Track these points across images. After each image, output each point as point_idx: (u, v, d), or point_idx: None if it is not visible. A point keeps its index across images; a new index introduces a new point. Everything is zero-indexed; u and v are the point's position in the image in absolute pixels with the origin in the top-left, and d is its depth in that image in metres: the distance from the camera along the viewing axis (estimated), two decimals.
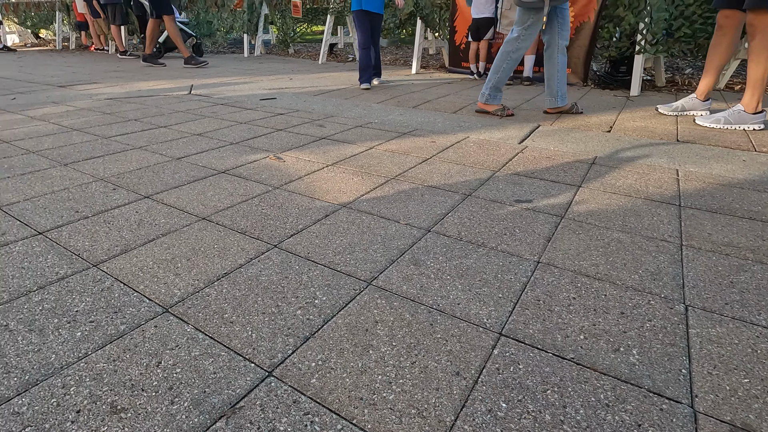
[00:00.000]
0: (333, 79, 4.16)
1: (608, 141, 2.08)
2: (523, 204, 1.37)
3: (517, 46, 2.42)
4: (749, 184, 1.55)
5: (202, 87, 3.71)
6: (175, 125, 2.40)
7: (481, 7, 3.82)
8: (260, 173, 1.65)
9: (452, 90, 3.53)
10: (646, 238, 1.16)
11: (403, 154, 1.89)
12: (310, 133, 2.23)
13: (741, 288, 0.94)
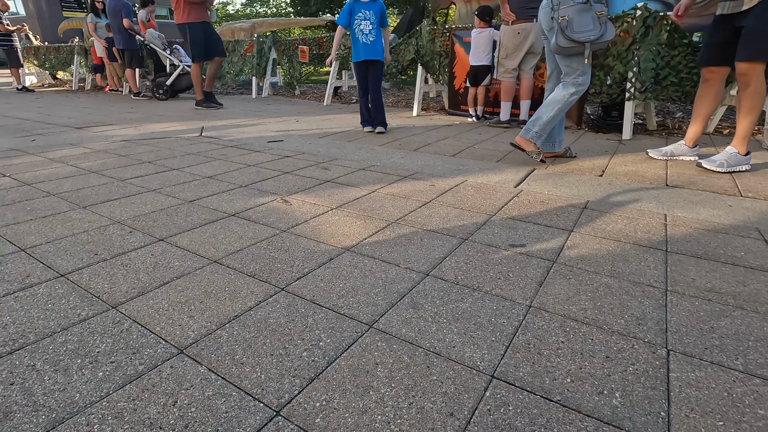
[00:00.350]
0: (337, 121, 4.34)
1: (600, 185, 2.18)
2: (517, 248, 1.45)
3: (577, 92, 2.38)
4: (734, 229, 1.63)
5: (212, 129, 3.89)
6: (187, 168, 2.52)
7: (479, 56, 4.04)
8: (268, 216, 1.74)
9: (452, 133, 3.69)
10: (633, 283, 1.22)
11: (404, 197, 1.99)
12: (316, 176, 2.35)
13: (721, 333, 1.00)
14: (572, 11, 2.22)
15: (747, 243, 1.50)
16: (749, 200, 1.96)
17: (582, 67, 2.33)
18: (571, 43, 2.22)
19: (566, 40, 2.21)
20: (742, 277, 1.26)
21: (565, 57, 2.34)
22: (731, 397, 0.80)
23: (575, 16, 2.22)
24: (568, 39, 2.21)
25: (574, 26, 2.21)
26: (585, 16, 2.21)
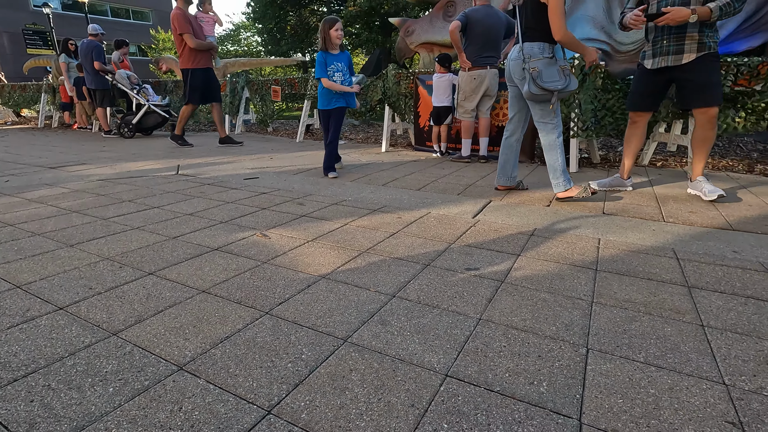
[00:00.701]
0: (310, 158, 4.56)
1: (547, 214, 2.46)
2: (471, 271, 1.67)
3: (558, 132, 2.65)
4: (654, 250, 1.91)
5: (188, 167, 4.02)
6: (167, 206, 2.65)
7: (440, 98, 4.41)
8: (249, 249, 1.90)
9: (417, 168, 3.97)
10: (565, 297, 1.46)
11: (373, 229, 2.20)
12: (292, 211, 2.53)
13: (630, 334, 1.23)
14: (541, 64, 2.50)
15: (662, 261, 1.78)
16: (670, 224, 2.27)
17: (553, 112, 2.63)
18: (541, 90, 2.50)
19: (537, 89, 2.50)
20: (654, 289, 1.52)
21: (537, 103, 2.62)
22: (631, 382, 1.02)
23: (543, 68, 2.48)
24: (539, 87, 2.49)
25: (543, 77, 2.48)
26: (551, 69, 2.49)
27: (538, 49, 2.51)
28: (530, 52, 2.51)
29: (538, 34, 2.50)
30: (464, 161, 4.28)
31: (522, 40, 2.55)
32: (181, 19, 4.95)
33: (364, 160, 4.42)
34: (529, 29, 2.52)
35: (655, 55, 2.62)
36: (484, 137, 4.22)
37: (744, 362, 1.10)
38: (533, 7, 2.46)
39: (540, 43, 2.50)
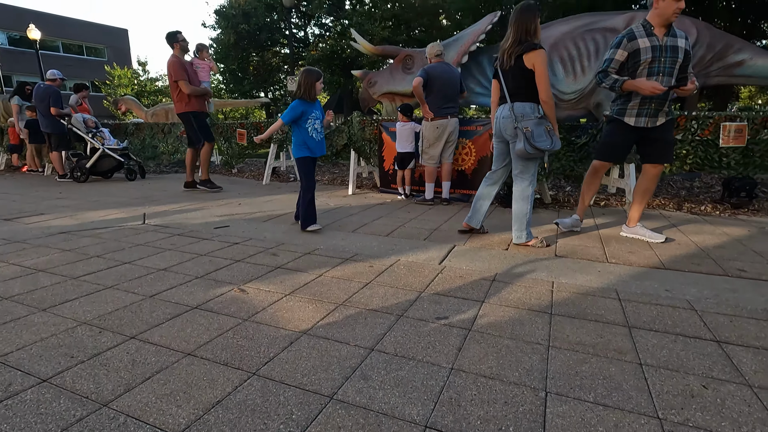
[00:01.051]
0: (278, 203, 4.65)
1: (506, 259, 2.68)
2: (441, 321, 1.82)
3: (533, 188, 2.88)
4: (600, 291, 2.15)
5: (154, 215, 4.00)
6: (138, 261, 2.65)
7: (404, 144, 4.69)
8: (229, 306, 1.96)
9: (385, 212, 4.15)
10: (526, 343, 1.63)
11: (348, 280, 2.32)
12: (267, 263, 2.60)
13: (581, 376, 1.41)
14: (532, 124, 2.68)
15: (607, 303, 2.01)
16: (613, 265, 2.55)
17: (533, 168, 2.86)
18: (535, 150, 2.70)
19: (532, 148, 2.70)
20: (600, 331, 1.73)
21: (523, 160, 2.83)
22: (583, 421, 1.19)
23: (534, 128, 2.68)
24: (534, 147, 2.67)
25: (535, 136, 2.67)
26: (540, 129, 2.68)
27: (529, 109, 2.73)
28: (522, 111, 2.73)
29: (526, 96, 2.72)
30: (428, 204, 4.52)
31: (511, 101, 2.77)
32: (177, 66, 5.10)
33: (332, 204, 4.56)
34: (517, 91, 2.73)
35: (640, 115, 2.84)
36: (446, 181, 4.50)
37: (674, 396, 1.30)
38: (519, 71, 2.68)
39: (530, 103, 2.73)
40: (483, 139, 4.51)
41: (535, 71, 2.63)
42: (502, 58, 2.77)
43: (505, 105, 2.83)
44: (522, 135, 2.70)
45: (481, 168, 4.52)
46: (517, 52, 2.65)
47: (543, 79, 2.64)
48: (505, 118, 2.83)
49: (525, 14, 2.65)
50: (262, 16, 16.13)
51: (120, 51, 34.85)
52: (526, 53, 2.62)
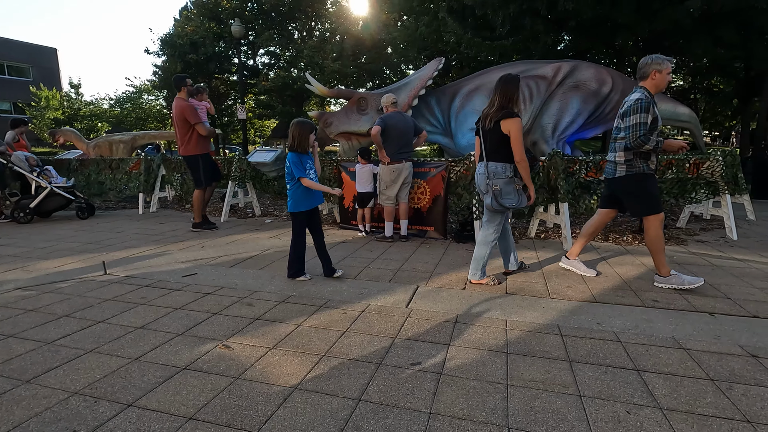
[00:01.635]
0: (242, 245, 4.73)
1: (464, 298, 3.00)
2: (416, 366, 2.07)
3: (496, 236, 3.25)
4: (545, 328, 2.51)
5: (115, 264, 3.94)
6: (112, 318, 2.68)
7: (363, 184, 4.97)
8: (218, 365, 2.09)
9: (348, 251, 4.38)
10: (489, 383, 1.92)
11: (325, 329, 2.51)
12: (244, 315, 2.73)
13: (535, 411, 1.72)
14: (501, 183, 3.05)
15: (551, 339, 2.37)
16: (554, 300, 2.95)
17: (499, 219, 3.23)
18: (500, 206, 3.09)
19: (498, 204, 3.07)
20: (548, 367, 2.06)
21: (491, 212, 3.22)
22: None
23: (503, 186, 3.05)
24: (499, 204, 3.07)
25: (502, 194, 3.05)
26: (509, 187, 3.05)
27: (501, 169, 3.07)
28: (494, 170, 3.08)
29: (500, 156, 3.06)
30: (387, 241, 4.81)
31: (487, 159, 3.11)
32: (192, 111, 5.29)
33: None
34: (493, 151, 3.08)
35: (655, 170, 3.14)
36: (404, 219, 4.83)
37: (605, 423, 1.64)
38: (497, 135, 3.03)
39: (503, 163, 3.07)
40: (436, 180, 4.90)
41: (510, 136, 2.99)
42: (485, 120, 3.10)
43: (481, 163, 3.18)
44: (491, 192, 3.09)
45: (435, 206, 4.90)
46: (497, 118, 3.00)
47: (517, 143, 2.98)
48: (479, 175, 3.20)
49: (508, 85, 3.03)
50: (210, 45, 16.03)
51: (48, 71, 32.69)
52: (503, 120, 2.98)
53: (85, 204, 6.54)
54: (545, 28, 9.40)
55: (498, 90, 3.06)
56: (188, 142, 5.37)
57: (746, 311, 2.74)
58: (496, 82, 3.11)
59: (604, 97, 6.41)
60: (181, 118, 5.25)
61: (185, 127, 5.29)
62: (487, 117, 3.09)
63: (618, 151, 3.13)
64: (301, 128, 3.29)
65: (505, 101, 3.03)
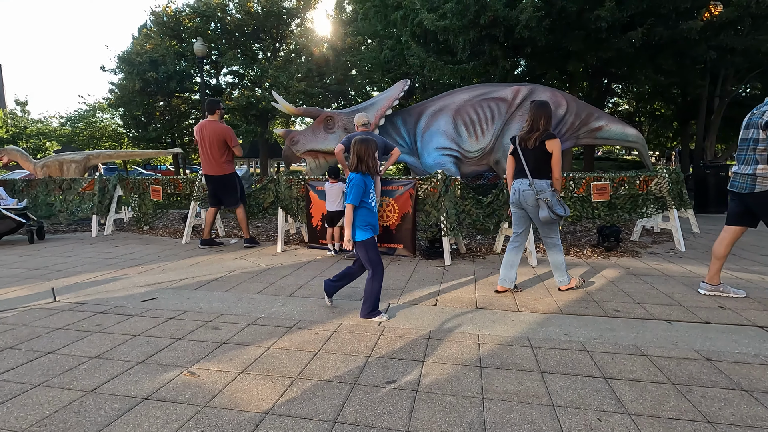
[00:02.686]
0: (206, 266, 4.55)
1: (436, 314, 3.01)
2: (391, 384, 2.04)
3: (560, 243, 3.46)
4: (515, 340, 2.56)
5: (66, 290, 3.68)
6: (63, 349, 2.48)
7: (333, 203, 4.95)
8: (183, 393, 1.97)
9: (317, 271, 4.31)
10: (464, 398, 1.92)
11: (297, 350, 2.44)
12: (210, 339, 2.61)
13: (511, 423, 1.73)
14: (549, 195, 3.26)
15: (522, 351, 2.41)
16: (523, 313, 3.02)
17: (556, 228, 3.43)
18: (556, 217, 3.24)
19: (554, 215, 3.23)
20: (521, 379, 2.09)
21: (547, 226, 3.40)
22: None
23: (551, 199, 3.25)
24: (555, 214, 3.23)
25: (553, 206, 3.23)
26: (554, 198, 3.26)
27: (546, 185, 3.29)
28: (541, 187, 3.28)
29: (543, 173, 3.30)
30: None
31: (532, 177, 3.30)
32: (232, 133, 5.52)
33: (263, 264, 4.59)
34: (537, 169, 3.29)
35: None
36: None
37: (579, 431, 1.67)
38: (540, 154, 3.26)
39: (546, 180, 3.30)
40: (404, 198, 4.96)
41: (553, 154, 3.25)
42: (525, 141, 3.32)
43: (524, 179, 3.35)
44: (545, 205, 3.27)
45: (404, 223, 4.94)
46: (542, 138, 3.23)
47: (557, 162, 3.27)
48: (525, 191, 3.35)
49: (545, 109, 3.30)
50: (171, 64, 15.69)
51: None
52: (548, 140, 3.22)
53: (35, 227, 6.12)
54: (503, 54, 9.88)
55: (535, 114, 3.30)
56: (225, 163, 5.49)
57: (698, 317, 2.91)
58: (531, 108, 3.34)
59: (560, 118, 6.76)
60: (220, 140, 5.39)
61: (222, 149, 5.43)
62: (529, 138, 3.30)
63: (761, 164, 3.00)
64: (368, 146, 2.89)
65: (538, 122, 3.28)
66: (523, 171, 3.36)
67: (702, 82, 11.11)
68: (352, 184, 2.86)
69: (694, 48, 8.83)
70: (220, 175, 5.50)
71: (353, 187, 2.85)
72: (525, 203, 3.39)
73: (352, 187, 2.85)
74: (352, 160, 2.94)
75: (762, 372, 2.15)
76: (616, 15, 8.01)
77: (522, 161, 3.36)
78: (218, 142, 5.40)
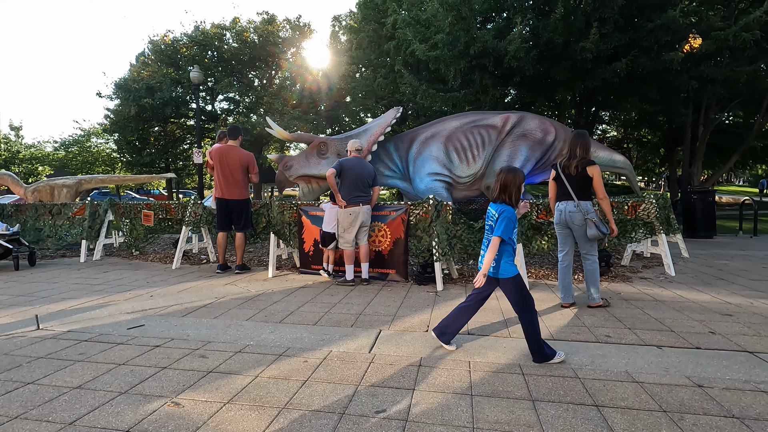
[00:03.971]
0: (196, 292, 4.50)
1: (427, 341, 2.98)
2: (380, 414, 2.00)
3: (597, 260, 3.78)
4: (507, 367, 2.53)
5: (50, 317, 3.61)
6: (44, 379, 2.41)
7: (330, 225, 4.94)
8: (166, 425, 1.92)
9: (308, 297, 4.27)
10: (455, 427, 1.88)
11: (285, 379, 2.39)
12: (196, 368, 2.56)
13: None
14: (594, 215, 3.63)
15: (514, 378, 2.38)
16: (515, 339, 2.99)
17: (594, 247, 3.75)
18: (601, 234, 3.59)
19: (600, 233, 3.59)
20: (512, 407, 2.06)
21: (589, 241, 3.71)
22: None
23: (596, 217, 3.63)
24: (601, 232, 3.58)
25: (599, 225, 3.60)
26: (598, 219, 3.64)
27: (591, 206, 3.67)
28: (586, 208, 3.65)
29: (587, 195, 3.69)
30: (349, 285, 4.75)
31: (578, 199, 3.67)
32: (254, 161, 5.72)
33: (253, 290, 4.54)
34: (581, 192, 3.68)
35: None
36: (365, 262, 4.81)
37: None
38: (583, 179, 3.65)
39: (590, 202, 3.69)
40: (396, 223, 4.98)
41: (594, 179, 3.64)
42: (569, 167, 3.70)
43: (570, 201, 3.72)
44: (592, 224, 3.63)
45: (396, 248, 4.94)
46: (583, 165, 3.63)
47: (599, 184, 3.67)
48: (572, 212, 3.71)
49: (584, 138, 3.73)
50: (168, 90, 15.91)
51: None
52: (588, 166, 3.63)
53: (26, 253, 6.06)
54: (493, 83, 10.16)
55: (572, 143, 3.73)
56: (243, 187, 5.62)
57: (689, 343, 2.91)
58: (572, 138, 3.77)
59: (549, 145, 6.90)
60: (243, 165, 5.55)
61: (242, 173, 5.57)
62: (570, 165, 3.69)
63: None
64: (515, 177, 2.72)
65: (584, 151, 3.69)
66: (567, 194, 3.73)
67: (686, 111, 11.46)
68: (503, 216, 2.63)
69: (676, 78, 9.16)
70: (240, 199, 5.58)
71: (504, 220, 2.62)
72: (572, 223, 3.73)
73: (503, 219, 2.62)
74: (495, 187, 2.78)
75: (753, 398, 2.14)
76: (601, 47, 8.32)
77: (566, 185, 3.72)
78: (242, 167, 5.56)
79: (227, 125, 15.77)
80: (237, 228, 5.62)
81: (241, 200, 5.57)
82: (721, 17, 8.58)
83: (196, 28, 17.62)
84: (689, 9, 8.24)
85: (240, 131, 5.82)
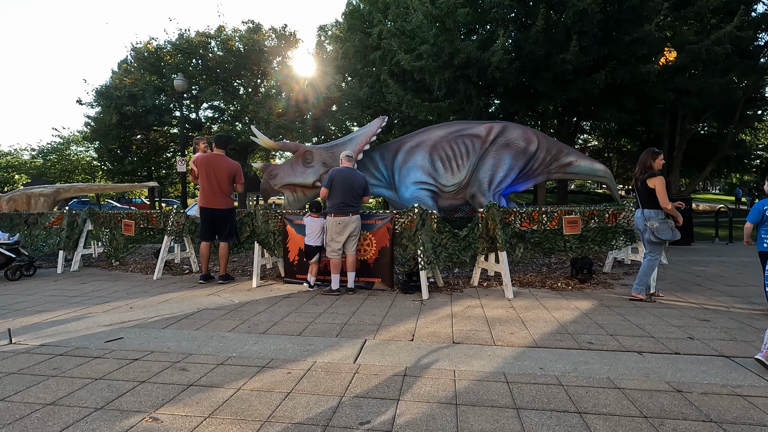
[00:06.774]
0: (177, 303, 4.40)
1: (412, 350, 2.97)
2: (365, 425, 1.98)
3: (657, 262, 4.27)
4: (491, 376, 2.53)
5: (23, 331, 3.49)
6: (15, 396, 2.33)
7: (312, 238, 4.91)
8: None
9: (293, 307, 4.22)
10: None
11: (268, 391, 2.35)
12: (176, 381, 2.49)
13: None
14: (657, 222, 4.12)
15: (498, 387, 2.38)
16: (499, 347, 3.01)
17: (659, 249, 4.24)
18: (657, 240, 4.14)
19: (655, 238, 4.14)
20: (496, 416, 2.06)
21: (650, 244, 4.24)
22: None
23: (659, 224, 4.11)
24: (657, 237, 4.13)
25: (658, 231, 4.10)
26: (664, 225, 4.12)
27: (654, 214, 4.15)
28: (649, 215, 4.17)
29: (652, 204, 4.15)
30: (334, 294, 4.72)
31: (643, 207, 4.23)
32: (241, 170, 5.68)
33: (237, 301, 4.47)
34: (646, 201, 4.20)
35: None
36: (351, 272, 4.79)
37: None
38: (646, 189, 4.18)
39: (655, 210, 4.15)
40: (382, 232, 4.98)
41: (655, 189, 4.10)
42: (635, 181, 4.32)
43: (638, 210, 4.33)
44: (649, 230, 4.16)
45: (382, 257, 4.93)
46: (642, 178, 4.19)
47: (662, 193, 4.08)
48: (637, 219, 4.32)
49: (642, 155, 4.30)
50: (151, 98, 15.70)
51: None
52: (648, 179, 4.16)
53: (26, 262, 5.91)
54: (477, 93, 10.31)
55: (640, 160, 4.30)
56: (228, 196, 5.55)
57: (669, 348, 2.96)
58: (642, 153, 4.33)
59: (531, 154, 7.02)
60: (230, 175, 5.48)
61: (228, 183, 5.50)
62: (637, 179, 4.28)
63: None
64: None
65: (644, 166, 4.24)
66: (637, 204, 4.39)
67: (662, 121, 11.79)
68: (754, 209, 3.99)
69: (653, 89, 9.43)
70: (225, 208, 5.50)
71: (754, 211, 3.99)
72: (637, 228, 4.38)
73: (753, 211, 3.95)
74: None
75: (730, 402, 2.18)
76: (581, 59, 8.54)
77: (636, 196, 4.34)
78: (228, 176, 5.48)
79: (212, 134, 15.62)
80: (221, 238, 5.52)
81: (226, 210, 5.50)
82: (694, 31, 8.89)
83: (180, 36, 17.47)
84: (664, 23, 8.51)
85: (227, 140, 5.78)
